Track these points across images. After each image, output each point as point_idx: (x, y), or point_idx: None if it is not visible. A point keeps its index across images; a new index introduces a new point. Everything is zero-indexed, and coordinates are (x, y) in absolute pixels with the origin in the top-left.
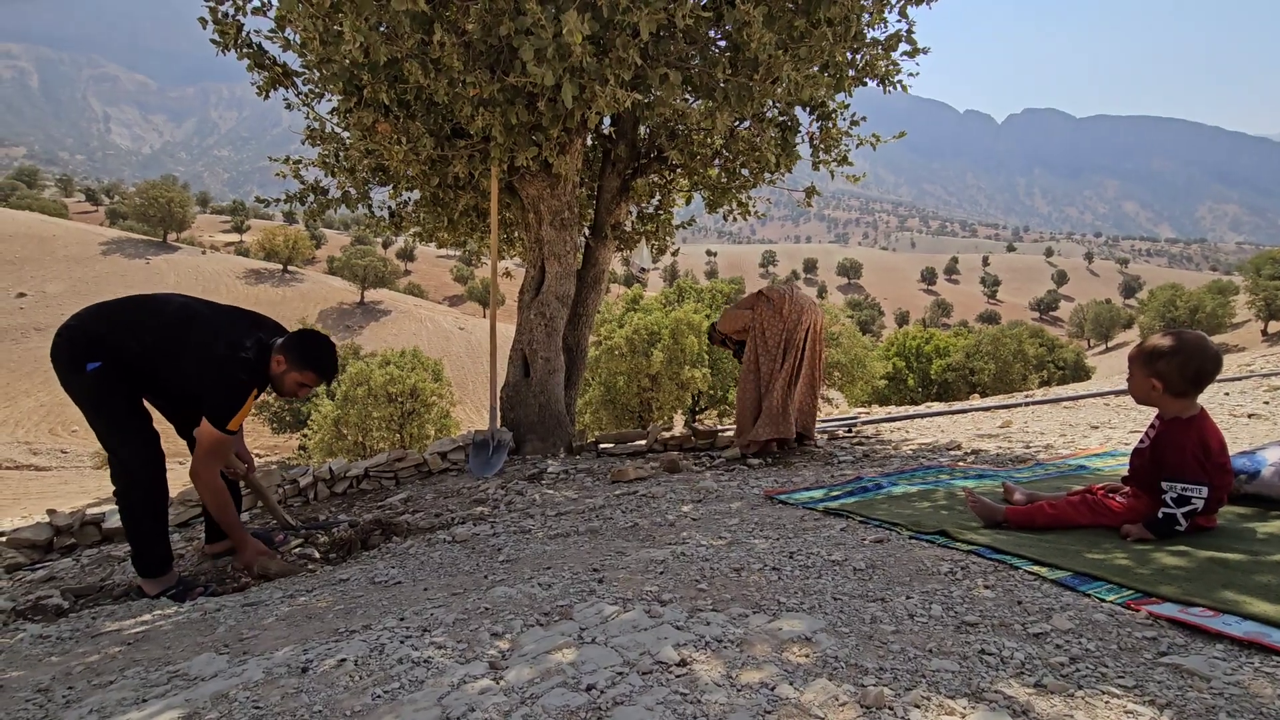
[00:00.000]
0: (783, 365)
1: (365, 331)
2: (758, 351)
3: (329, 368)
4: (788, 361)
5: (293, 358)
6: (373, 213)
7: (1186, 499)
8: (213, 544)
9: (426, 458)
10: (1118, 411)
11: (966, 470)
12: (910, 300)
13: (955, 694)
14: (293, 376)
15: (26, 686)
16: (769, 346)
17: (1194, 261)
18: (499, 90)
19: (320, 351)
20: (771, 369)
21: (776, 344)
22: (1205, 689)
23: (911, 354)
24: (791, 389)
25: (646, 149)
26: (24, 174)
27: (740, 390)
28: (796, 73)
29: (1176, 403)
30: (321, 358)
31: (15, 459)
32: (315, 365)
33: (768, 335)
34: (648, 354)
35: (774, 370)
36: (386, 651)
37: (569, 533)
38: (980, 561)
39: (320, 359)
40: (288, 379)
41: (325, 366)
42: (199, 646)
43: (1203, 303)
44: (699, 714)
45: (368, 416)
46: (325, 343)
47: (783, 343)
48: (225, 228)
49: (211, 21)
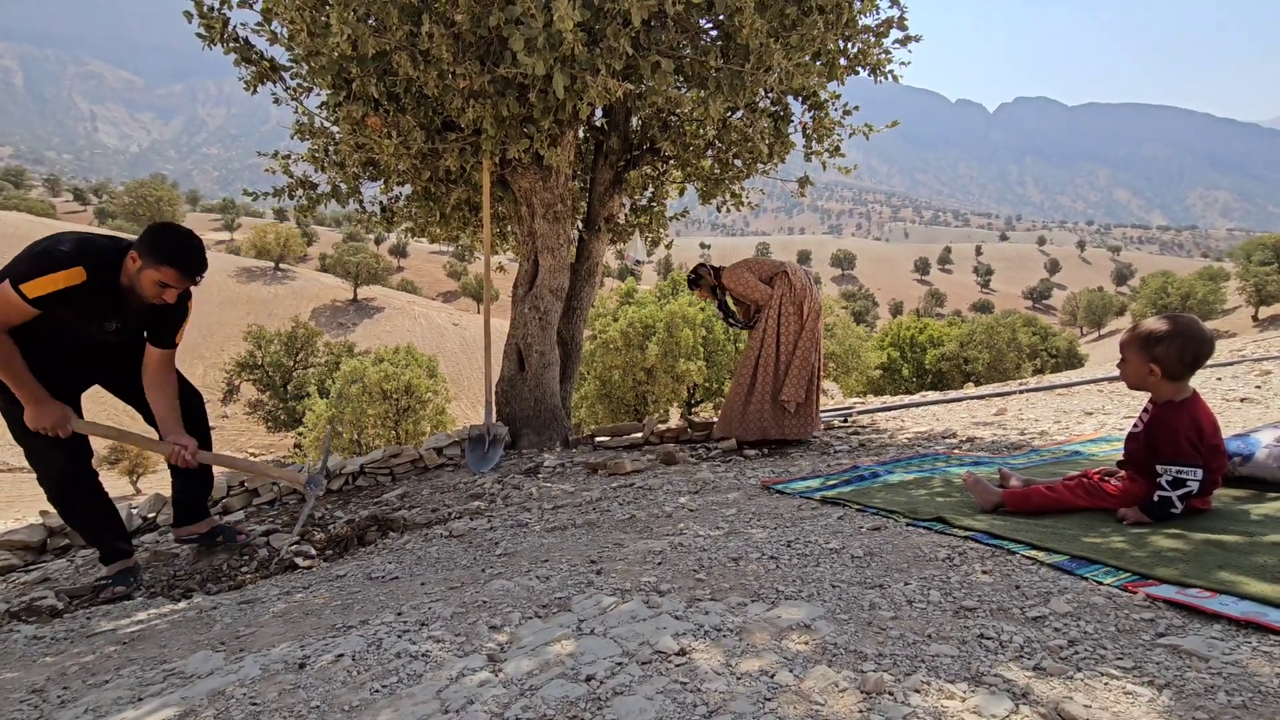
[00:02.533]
0: (794, 354)
1: (359, 329)
2: (765, 335)
3: (189, 261)
4: (799, 351)
5: (146, 251)
6: (364, 208)
7: (1181, 481)
8: (180, 527)
9: (422, 453)
10: (1111, 398)
11: (962, 457)
12: (904, 290)
13: (955, 678)
14: (149, 274)
15: (21, 687)
16: (787, 331)
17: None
18: (489, 82)
19: (177, 243)
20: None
21: (794, 330)
22: (1204, 669)
23: (906, 344)
24: (795, 380)
25: (639, 140)
26: (10, 174)
27: (737, 374)
28: (788, 61)
29: (1171, 386)
30: (179, 250)
31: (9, 462)
32: (170, 258)
33: (786, 319)
34: (643, 347)
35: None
36: (384, 646)
37: (566, 526)
38: (977, 547)
39: (177, 251)
40: (144, 278)
41: (184, 260)
42: (195, 644)
43: (1194, 289)
44: (699, 702)
45: (363, 414)
46: (183, 233)
47: (795, 328)
48: (215, 226)
49: (197, 15)
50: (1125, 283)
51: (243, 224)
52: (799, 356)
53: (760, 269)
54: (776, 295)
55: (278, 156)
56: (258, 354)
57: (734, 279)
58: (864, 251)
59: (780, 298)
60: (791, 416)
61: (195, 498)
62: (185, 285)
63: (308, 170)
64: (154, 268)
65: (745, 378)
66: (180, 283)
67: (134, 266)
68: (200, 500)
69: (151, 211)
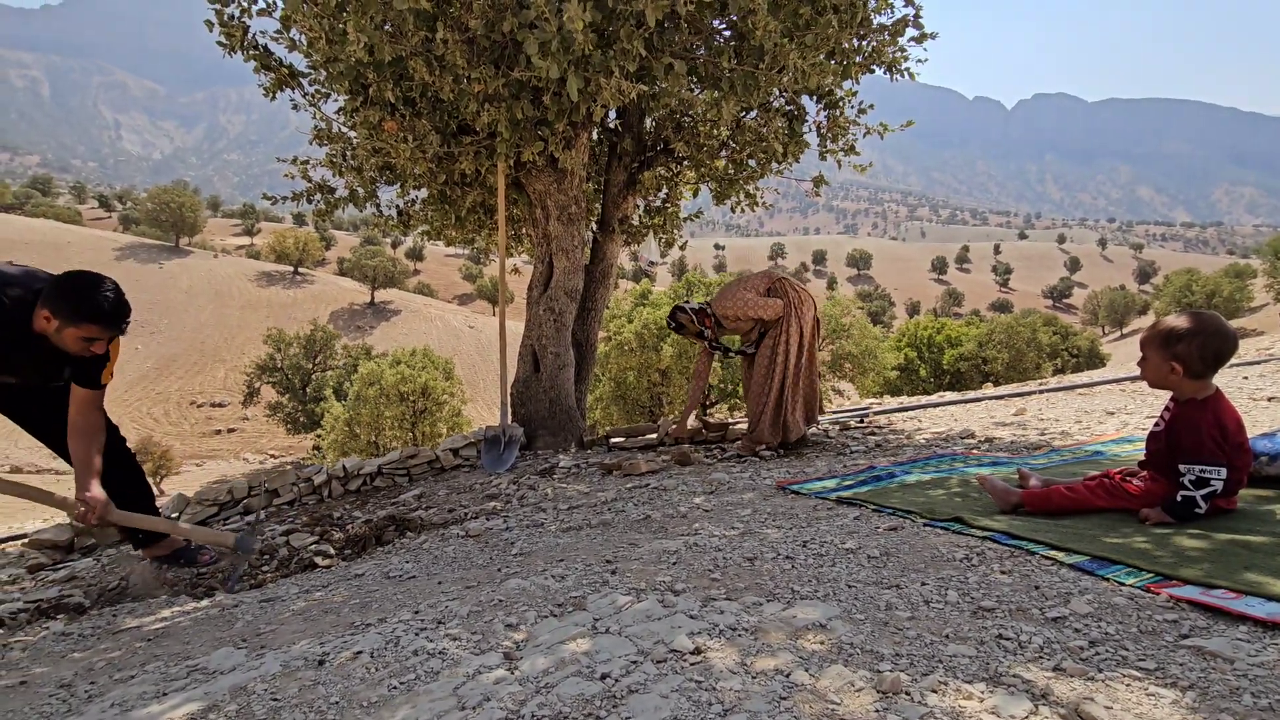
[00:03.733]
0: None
1: (376, 331)
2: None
3: (111, 315)
4: (804, 355)
5: (63, 311)
6: (381, 212)
7: (1205, 480)
8: (146, 548)
9: (439, 454)
10: (1133, 397)
11: (980, 458)
12: (921, 290)
13: (973, 678)
14: (71, 332)
15: (50, 682)
16: (792, 341)
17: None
18: (504, 85)
19: (95, 298)
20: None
21: (799, 338)
22: (1229, 670)
23: (923, 344)
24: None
25: (653, 142)
26: (38, 182)
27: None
28: (802, 60)
29: (1193, 384)
30: (98, 305)
31: (36, 463)
32: (93, 315)
33: (793, 330)
34: (657, 349)
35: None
36: (402, 644)
37: (581, 526)
38: (996, 547)
39: (97, 306)
40: (66, 336)
41: (106, 314)
42: (217, 641)
43: (1220, 287)
44: (713, 701)
45: (380, 416)
46: (97, 283)
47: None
48: (236, 231)
49: (218, 24)
50: (1148, 281)
51: (262, 229)
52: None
53: (757, 284)
54: (790, 305)
55: (296, 161)
56: (277, 357)
57: (736, 306)
58: (880, 251)
59: (792, 303)
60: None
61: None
62: (111, 335)
63: (326, 175)
64: (74, 326)
65: (772, 393)
66: (106, 334)
67: (50, 325)
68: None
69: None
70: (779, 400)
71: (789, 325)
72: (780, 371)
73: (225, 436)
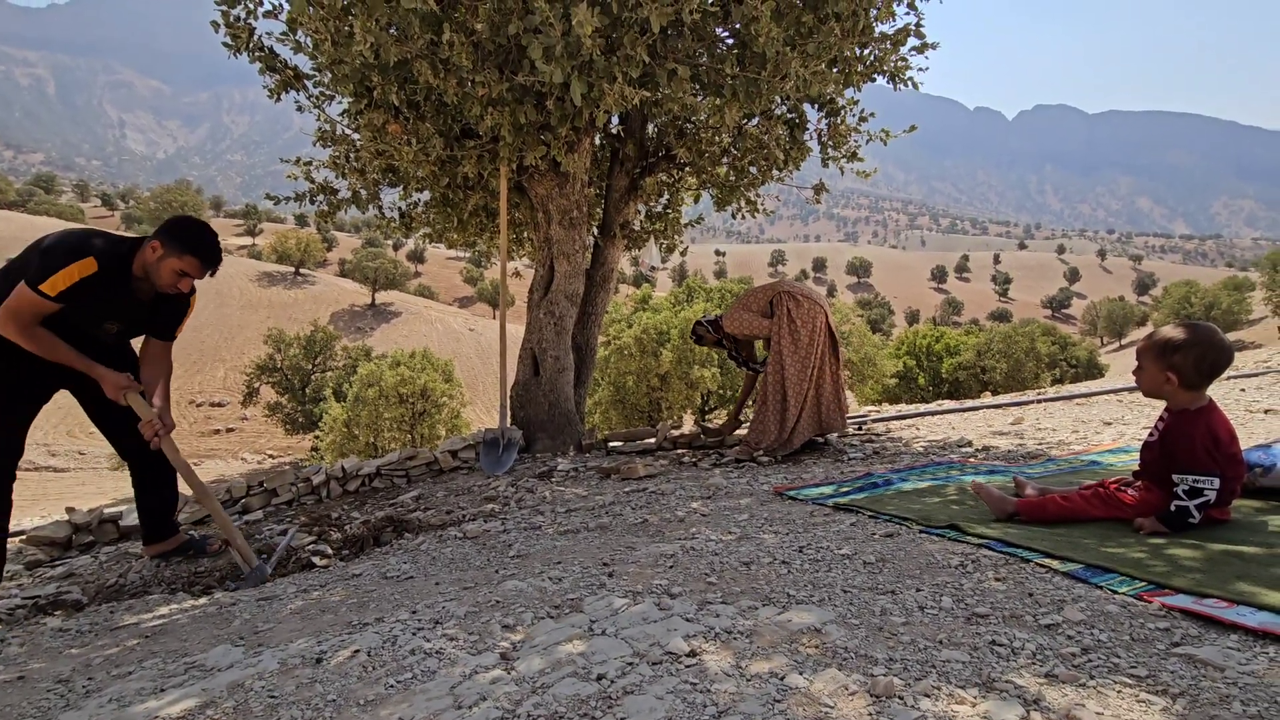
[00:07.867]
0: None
1: (376, 333)
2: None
3: (209, 252)
4: (813, 361)
5: (170, 240)
6: (383, 214)
7: (1199, 490)
8: (151, 545)
9: (437, 456)
10: (1131, 408)
11: (977, 466)
12: (921, 299)
13: (966, 684)
14: (170, 263)
15: (48, 677)
16: (786, 351)
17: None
18: (508, 89)
19: (200, 234)
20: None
21: (808, 345)
22: (1219, 679)
23: (922, 352)
24: (820, 389)
25: (655, 147)
26: (42, 180)
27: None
28: (805, 68)
29: (1188, 395)
30: (201, 241)
31: (34, 460)
32: (193, 248)
33: (785, 342)
34: (657, 354)
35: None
36: (399, 643)
37: (579, 529)
38: (991, 554)
39: (200, 242)
40: (164, 266)
41: (205, 250)
42: (215, 639)
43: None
44: (708, 703)
45: (379, 417)
46: (204, 226)
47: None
48: (238, 231)
49: (224, 25)
50: (1147, 292)
51: (264, 229)
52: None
53: (756, 302)
54: (781, 318)
55: (300, 163)
56: (277, 357)
57: (734, 324)
58: (880, 259)
59: (783, 317)
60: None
61: (162, 516)
62: (203, 274)
63: (329, 176)
64: (176, 256)
65: (771, 400)
66: (199, 272)
67: (154, 255)
68: (167, 518)
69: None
70: (780, 407)
71: (781, 338)
72: (777, 379)
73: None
